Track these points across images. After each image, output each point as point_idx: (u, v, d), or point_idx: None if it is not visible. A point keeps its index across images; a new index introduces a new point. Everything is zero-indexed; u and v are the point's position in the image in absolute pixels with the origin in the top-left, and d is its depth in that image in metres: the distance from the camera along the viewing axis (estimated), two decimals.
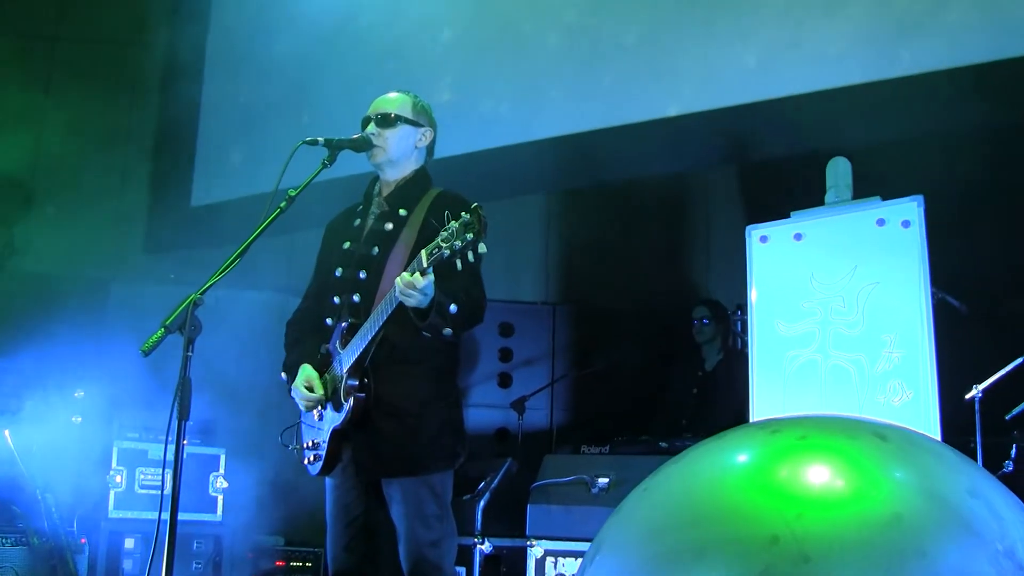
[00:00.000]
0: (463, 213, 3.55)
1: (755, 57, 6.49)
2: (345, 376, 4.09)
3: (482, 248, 3.54)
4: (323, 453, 4.19)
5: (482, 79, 7.55)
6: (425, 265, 3.65)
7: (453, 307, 3.89)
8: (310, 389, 4.23)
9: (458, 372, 4.38)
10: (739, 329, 7.59)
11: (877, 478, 2.38)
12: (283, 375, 4.38)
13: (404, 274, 3.74)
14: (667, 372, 7.99)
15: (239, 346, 7.21)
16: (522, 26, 7.47)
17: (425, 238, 3.82)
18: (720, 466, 2.60)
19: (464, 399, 7.24)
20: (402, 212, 4.27)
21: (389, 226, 4.25)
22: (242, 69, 8.76)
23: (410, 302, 3.76)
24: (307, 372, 4.27)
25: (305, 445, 4.32)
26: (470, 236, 3.51)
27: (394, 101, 4.37)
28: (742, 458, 2.58)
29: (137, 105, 9.16)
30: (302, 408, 4.31)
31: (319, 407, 4.25)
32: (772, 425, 2.69)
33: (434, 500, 4.09)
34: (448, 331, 3.94)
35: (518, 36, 7.48)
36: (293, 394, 4.30)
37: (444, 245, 3.58)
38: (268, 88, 8.48)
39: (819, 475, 2.41)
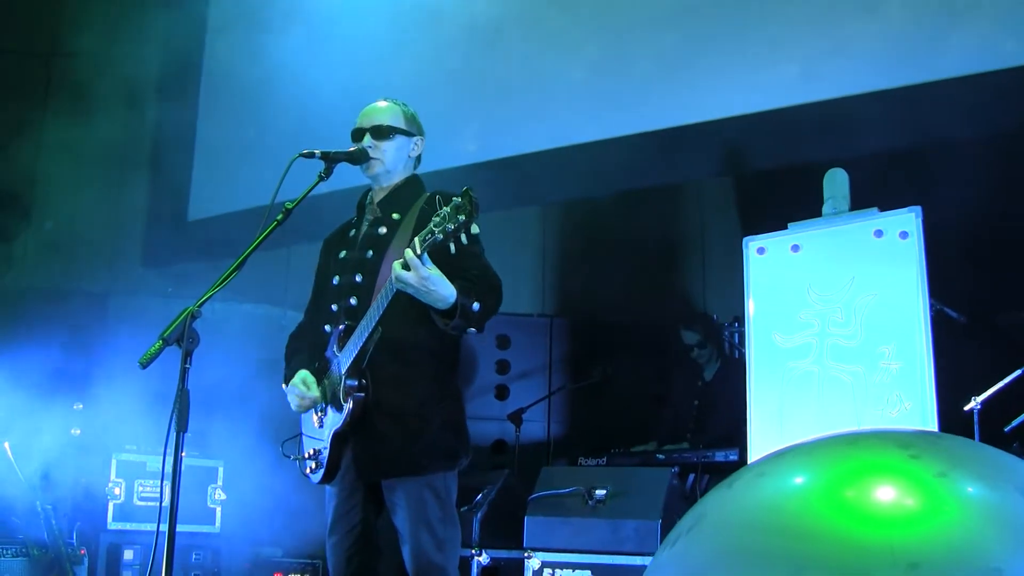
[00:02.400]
0: (454, 197, 3.53)
1: (751, 68, 6.48)
2: (344, 377, 4.06)
3: (475, 228, 3.51)
4: (324, 460, 4.16)
5: (477, 91, 7.53)
6: (419, 251, 3.63)
7: (476, 305, 3.87)
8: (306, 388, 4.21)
9: (458, 371, 4.33)
10: (736, 341, 7.56)
11: (1011, 553, 2.07)
12: (284, 387, 4.34)
13: (404, 255, 3.71)
14: (666, 384, 7.96)
15: (237, 358, 7.20)
16: (516, 38, 7.45)
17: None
18: (844, 478, 2.34)
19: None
20: (395, 216, 4.24)
21: (383, 230, 4.23)
22: (239, 83, 8.74)
23: (407, 286, 3.73)
24: (303, 374, 4.24)
25: (306, 455, 4.28)
26: (462, 218, 3.48)
27: (385, 111, 4.34)
28: (870, 478, 2.30)
29: (134, 120, 9.14)
30: (294, 406, 4.27)
31: (318, 414, 4.22)
32: (913, 447, 2.39)
33: (437, 502, 4.04)
34: (472, 330, 3.93)
35: (511, 47, 7.46)
36: (288, 392, 4.27)
37: (436, 229, 3.55)
38: (265, 102, 8.47)
39: (946, 528, 2.13)
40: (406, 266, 3.69)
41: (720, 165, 7.06)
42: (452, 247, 3.57)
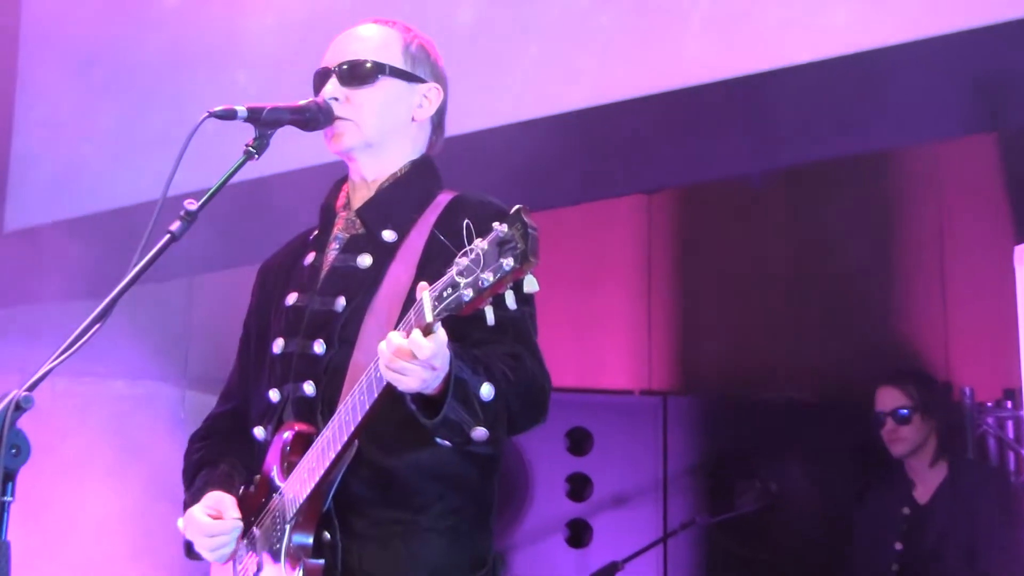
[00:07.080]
0: (495, 224, 3.39)
1: None
2: (290, 529, 3.99)
3: (531, 285, 3.36)
4: None
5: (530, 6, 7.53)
6: (430, 317, 3.49)
7: (487, 390, 3.74)
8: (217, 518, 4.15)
9: (493, 518, 4.28)
10: (1011, 434, 7.49)
11: None
12: (180, 523, 4.29)
13: (392, 334, 3.57)
14: (857, 506, 7.92)
15: (101, 478, 7.19)
16: None
17: (429, 278, 3.67)
18: None
19: (505, 568, 7.19)
20: (387, 236, 4.19)
21: (366, 261, 4.18)
22: (74, 40, 8.89)
23: (405, 383, 3.61)
24: (214, 495, 4.19)
25: None
26: (509, 264, 3.32)
27: (370, 40, 4.32)
28: None
29: None
30: (205, 551, 4.21)
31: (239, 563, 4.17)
32: None
33: None
34: (480, 432, 3.76)
35: None
36: (189, 534, 4.22)
37: (463, 280, 3.41)
38: (112, 61, 8.59)
39: None
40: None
41: (968, 116, 7.00)
42: (490, 314, 3.46)
